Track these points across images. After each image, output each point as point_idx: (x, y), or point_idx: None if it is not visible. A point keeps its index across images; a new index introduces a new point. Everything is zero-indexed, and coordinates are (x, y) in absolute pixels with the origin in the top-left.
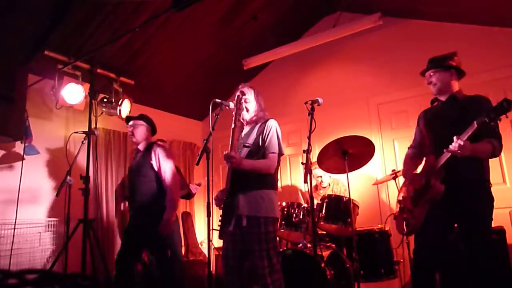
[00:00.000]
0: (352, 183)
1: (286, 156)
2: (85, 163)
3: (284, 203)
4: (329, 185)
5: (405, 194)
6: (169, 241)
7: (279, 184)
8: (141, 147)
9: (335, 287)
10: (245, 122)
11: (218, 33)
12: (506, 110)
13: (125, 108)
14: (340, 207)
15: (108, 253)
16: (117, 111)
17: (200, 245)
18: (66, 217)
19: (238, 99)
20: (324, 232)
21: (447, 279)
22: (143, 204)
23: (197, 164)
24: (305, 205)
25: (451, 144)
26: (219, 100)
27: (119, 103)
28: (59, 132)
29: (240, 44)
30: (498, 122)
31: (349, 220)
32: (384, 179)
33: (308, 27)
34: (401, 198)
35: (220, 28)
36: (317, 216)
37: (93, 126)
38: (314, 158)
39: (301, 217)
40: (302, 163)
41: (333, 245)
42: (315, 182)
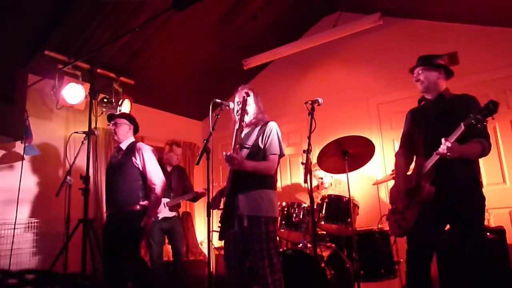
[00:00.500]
0: (352, 183)
1: (286, 156)
2: (85, 163)
3: (284, 203)
4: (330, 185)
5: (395, 195)
6: (138, 240)
7: (279, 184)
8: (123, 145)
9: (335, 287)
10: (244, 124)
11: (218, 33)
12: (492, 112)
13: (125, 108)
14: (340, 207)
15: None
16: (117, 111)
17: (200, 245)
18: (66, 217)
19: (244, 100)
20: (324, 232)
21: (446, 280)
22: (123, 203)
23: (197, 164)
24: (305, 205)
25: (440, 143)
26: (219, 100)
27: (119, 103)
28: (59, 132)
29: (240, 44)
30: (485, 123)
31: (349, 220)
32: (384, 179)
33: (308, 27)
34: (392, 199)
35: (220, 28)
36: (317, 216)
37: (93, 126)
38: (314, 158)
39: (301, 217)
40: (302, 163)
41: (333, 245)
42: (316, 182)
